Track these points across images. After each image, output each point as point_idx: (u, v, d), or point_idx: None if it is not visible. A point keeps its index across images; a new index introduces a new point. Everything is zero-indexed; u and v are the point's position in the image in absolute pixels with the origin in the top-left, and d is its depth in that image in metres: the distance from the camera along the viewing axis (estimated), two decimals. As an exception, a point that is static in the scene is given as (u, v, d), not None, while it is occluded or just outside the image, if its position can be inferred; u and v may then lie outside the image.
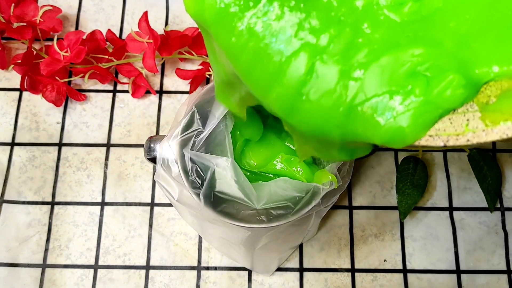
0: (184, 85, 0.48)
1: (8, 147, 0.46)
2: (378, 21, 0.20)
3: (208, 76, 0.48)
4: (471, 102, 0.19)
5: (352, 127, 0.20)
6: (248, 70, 0.21)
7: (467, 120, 0.19)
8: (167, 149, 0.33)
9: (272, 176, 0.35)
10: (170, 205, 0.44)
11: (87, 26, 0.50)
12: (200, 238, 0.43)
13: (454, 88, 0.19)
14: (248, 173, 0.35)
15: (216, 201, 0.33)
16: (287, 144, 0.35)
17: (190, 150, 0.33)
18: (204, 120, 0.34)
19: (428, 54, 0.19)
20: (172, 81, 0.48)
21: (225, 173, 0.32)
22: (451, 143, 0.19)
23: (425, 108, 0.19)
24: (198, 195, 0.32)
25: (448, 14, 0.19)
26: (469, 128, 0.19)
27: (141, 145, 0.46)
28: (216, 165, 0.32)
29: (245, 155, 0.35)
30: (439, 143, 0.19)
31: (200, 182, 0.33)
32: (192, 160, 0.32)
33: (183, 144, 0.33)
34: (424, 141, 0.19)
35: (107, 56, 0.47)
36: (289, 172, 0.34)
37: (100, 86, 0.48)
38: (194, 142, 0.33)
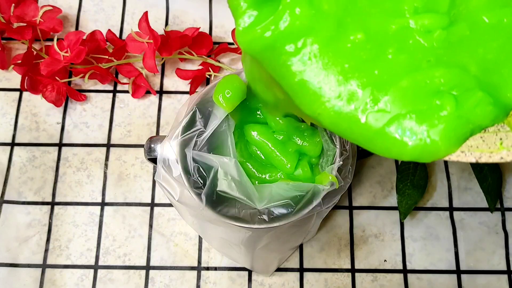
0: (184, 85, 0.48)
1: (8, 147, 0.46)
2: (406, 45, 0.20)
3: (208, 76, 0.48)
4: (502, 123, 0.19)
5: (381, 144, 0.20)
6: (300, 94, 0.21)
7: (500, 139, 0.19)
8: (168, 149, 0.33)
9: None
10: (170, 205, 0.44)
11: (87, 26, 0.50)
12: (200, 239, 0.43)
13: (484, 105, 0.19)
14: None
15: (217, 202, 0.32)
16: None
17: (192, 150, 0.33)
18: (205, 120, 0.34)
19: (450, 76, 0.19)
20: (172, 81, 0.48)
21: (228, 173, 0.32)
22: (484, 160, 0.19)
23: (457, 122, 0.19)
24: (199, 195, 0.32)
25: (475, 41, 0.20)
26: (504, 146, 0.19)
27: (141, 145, 0.46)
28: (219, 165, 0.32)
29: (246, 168, 0.35)
30: (471, 159, 0.19)
31: (202, 182, 0.33)
32: (194, 160, 0.32)
33: (184, 144, 0.33)
34: (455, 157, 0.19)
35: (107, 56, 0.47)
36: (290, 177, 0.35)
37: (100, 86, 0.48)
38: (196, 142, 0.33)
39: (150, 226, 0.44)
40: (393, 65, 0.20)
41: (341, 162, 0.32)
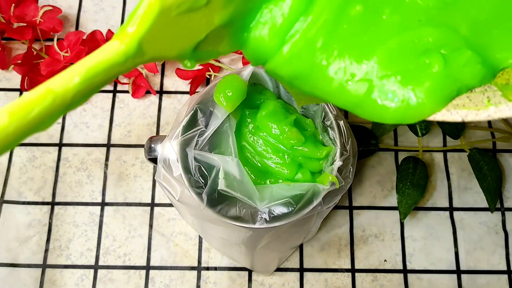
0: (184, 85, 0.48)
1: (8, 148, 0.46)
2: (401, 5, 0.20)
3: (208, 76, 0.48)
4: (489, 84, 0.19)
5: (367, 107, 0.20)
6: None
7: (488, 97, 0.19)
8: (169, 149, 0.33)
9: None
10: (170, 205, 0.44)
11: (87, 26, 0.50)
12: (200, 238, 0.43)
13: (472, 65, 0.19)
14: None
15: (218, 201, 0.32)
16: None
17: (194, 149, 0.33)
18: (206, 120, 0.34)
19: (440, 35, 0.19)
20: (172, 81, 0.48)
21: (230, 172, 0.32)
22: (470, 118, 0.19)
23: (445, 80, 0.19)
24: (200, 194, 0.32)
25: (470, 1, 0.20)
26: (491, 103, 0.18)
27: (141, 145, 0.46)
28: (221, 165, 0.32)
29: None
30: (457, 117, 0.19)
31: (203, 181, 0.33)
32: (195, 159, 0.32)
33: (185, 143, 0.33)
34: (440, 116, 0.19)
35: (107, 56, 0.47)
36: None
37: (100, 87, 0.48)
38: (197, 141, 0.33)
39: (150, 226, 0.44)
40: (385, 27, 0.20)
41: (341, 162, 0.32)
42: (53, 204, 0.44)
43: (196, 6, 0.18)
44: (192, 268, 0.42)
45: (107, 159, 0.46)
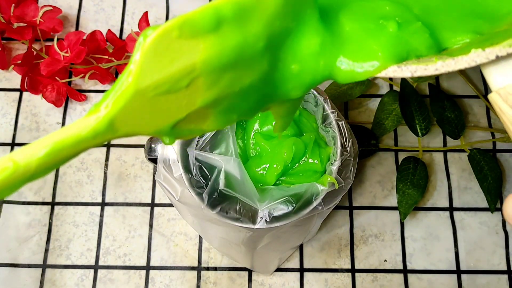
0: (184, 86, 0.48)
1: (8, 148, 0.46)
2: None
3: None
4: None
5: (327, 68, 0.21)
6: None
7: (435, 57, 0.20)
8: (169, 149, 0.33)
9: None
10: (170, 205, 0.44)
11: (87, 26, 0.50)
12: (200, 239, 0.43)
13: (421, 33, 0.21)
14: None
15: (218, 201, 0.32)
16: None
17: (194, 149, 0.33)
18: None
19: (396, 9, 0.22)
20: (172, 82, 0.48)
21: (231, 173, 0.32)
22: (419, 73, 0.20)
23: (398, 41, 0.20)
24: (200, 194, 0.32)
25: None
26: (438, 59, 0.20)
27: (141, 146, 0.46)
28: (223, 164, 0.32)
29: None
30: (407, 73, 0.20)
31: (204, 181, 0.33)
32: (196, 159, 0.32)
33: (186, 143, 0.33)
34: (391, 72, 0.20)
35: (107, 57, 0.47)
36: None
37: (100, 87, 0.48)
38: (198, 141, 0.33)
39: (150, 226, 0.44)
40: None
41: (341, 163, 0.32)
42: (53, 204, 0.44)
43: (175, 88, 0.17)
44: (192, 268, 0.42)
45: (107, 159, 0.46)
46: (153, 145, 0.36)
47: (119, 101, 0.16)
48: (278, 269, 0.42)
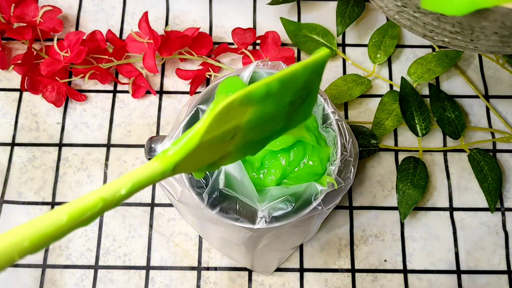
0: (184, 85, 0.48)
1: (8, 148, 0.46)
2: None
3: (208, 77, 0.48)
4: None
5: None
6: None
7: None
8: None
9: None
10: (170, 205, 0.44)
11: (87, 26, 0.50)
12: (200, 239, 0.43)
13: None
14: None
15: (218, 201, 0.33)
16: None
17: None
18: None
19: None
20: (172, 81, 0.48)
21: (231, 173, 0.32)
22: None
23: None
24: (200, 194, 0.32)
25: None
26: None
27: (141, 146, 0.46)
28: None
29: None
30: None
31: (204, 181, 0.33)
32: None
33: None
34: None
35: (107, 57, 0.47)
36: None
37: (100, 87, 0.48)
38: None
39: (150, 226, 0.44)
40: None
41: (341, 163, 0.32)
42: (53, 204, 0.44)
43: (223, 140, 0.23)
44: (192, 268, 0.42)
45: (107, 159, 0.46)
46: (153, 145, 0.36)
47: (183, 150, 0.21)
48: (278, 269, 0.42)
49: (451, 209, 0.44)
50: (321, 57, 0.23)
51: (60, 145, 0.46)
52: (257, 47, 0.50)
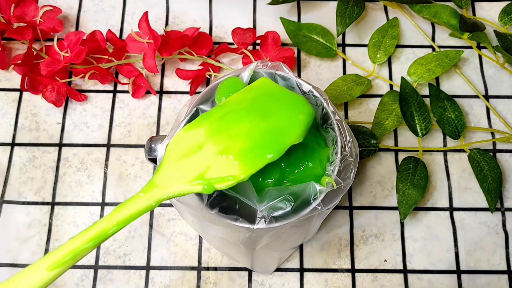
0: (184, 85, 0.48)
1: (8, 148, 0.46)
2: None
3: (208, 77, 0.48)
4: None
5: None
6: None
7: None
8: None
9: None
10: (170, 205, 0.44)
11: (87, 26, 0.50)
12: (200, 239, 0.43)
13: None
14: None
15: (218, 201, 0.32)
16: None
17: None
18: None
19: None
20: (172, 81, 0.48)
21: None
22: None
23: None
24: (200, 194, 0.32)
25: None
26: None
27: (141, 146, 0.46)
28: None
29: None
30: None
31: None
32: None
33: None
34: None
35: (107, 57, 0.47)
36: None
37: (100, 87, 0.48)
38: None
39: (150, 226, 0.44)
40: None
41: (341, 164, 0.32)
42: (53, 204, 0.44)
43: (192, 152, 0.29)
44: (192, 268, 0.42)
45: (107, 159, 0.46)
46: (153, 145, 0.36)
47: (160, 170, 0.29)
48: (278, 269, 0.42)
49: (451, 209, 0.44)
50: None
51: (60, 145, 0.46)
52: (257, 47, 0.50)
